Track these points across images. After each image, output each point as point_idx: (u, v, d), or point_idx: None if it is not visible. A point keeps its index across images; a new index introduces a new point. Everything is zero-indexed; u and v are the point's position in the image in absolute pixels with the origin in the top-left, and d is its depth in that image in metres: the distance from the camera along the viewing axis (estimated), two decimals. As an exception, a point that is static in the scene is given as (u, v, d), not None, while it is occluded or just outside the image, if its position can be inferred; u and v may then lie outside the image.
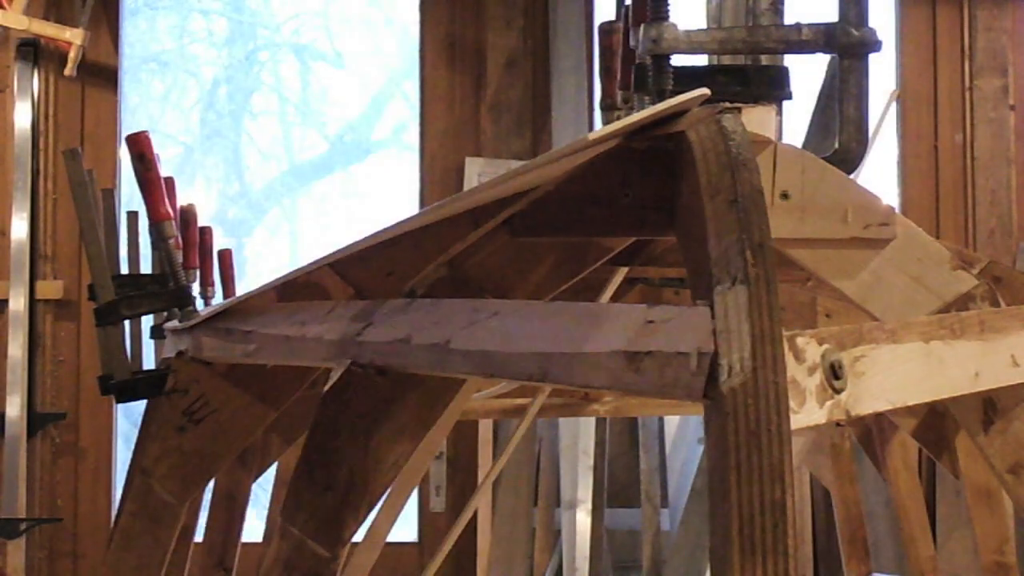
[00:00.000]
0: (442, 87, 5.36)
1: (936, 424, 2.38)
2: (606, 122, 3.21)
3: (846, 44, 1.92)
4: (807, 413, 1.03)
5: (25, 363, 4.86)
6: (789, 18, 2.13)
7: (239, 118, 6.34)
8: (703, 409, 0.94)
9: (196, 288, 3.05)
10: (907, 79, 5.51)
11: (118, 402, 2.50)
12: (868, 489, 4.68)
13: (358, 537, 1.46)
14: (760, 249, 0.91)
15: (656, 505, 4.65)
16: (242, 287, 3.33)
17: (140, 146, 2.44)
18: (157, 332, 2.75)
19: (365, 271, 1.65)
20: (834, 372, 1.05)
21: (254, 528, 3.53)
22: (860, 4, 1.91)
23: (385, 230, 1.48)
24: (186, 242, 2.96)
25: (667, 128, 1.26)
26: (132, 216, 2.93)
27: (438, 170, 5.33)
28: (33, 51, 5.01)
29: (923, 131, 5.50)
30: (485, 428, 4.74)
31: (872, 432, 2.84)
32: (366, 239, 1.51)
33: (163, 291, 2.46)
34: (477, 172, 5.25)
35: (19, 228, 4.91)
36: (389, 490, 1.59)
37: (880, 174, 5.38)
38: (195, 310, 2.40)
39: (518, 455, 4.71)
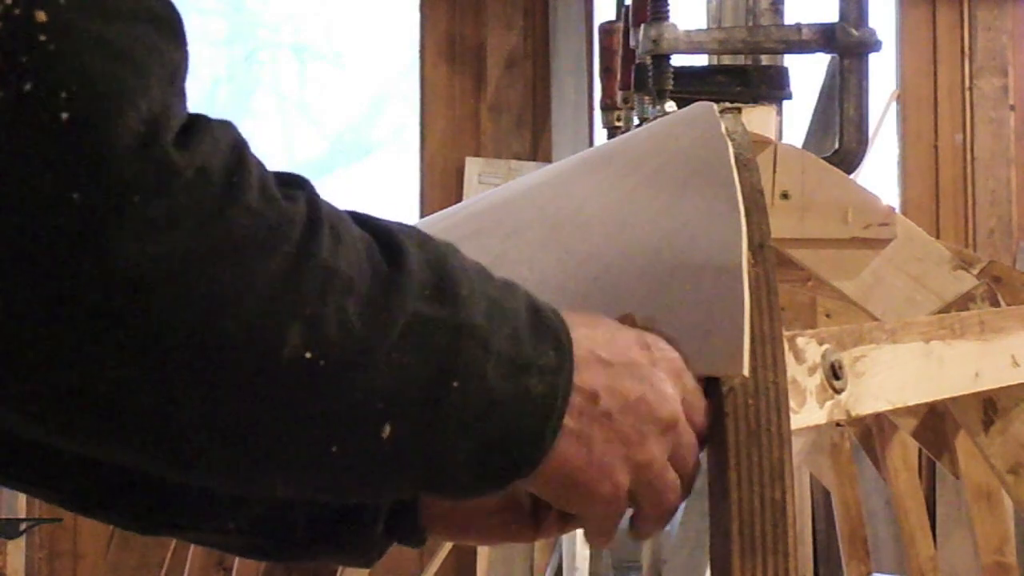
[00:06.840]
0: (442, 87, 5.36)
1: (936, 424, 2.38)
2: (606, 122, 3.21)
3: (846, 44, 1.92)
4: (807, 413, 1.03)
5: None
6: (789, 18, 2.13)
7: (239, 118, 6.34)
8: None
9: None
10: (907, 79, 5.51)
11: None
12: (868, 489, 4.68)
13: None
14: (760, 249, 0.91)
15: (656, 505, 4.65)
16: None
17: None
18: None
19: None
20: (834, 372, 1.05)
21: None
22: (860, 4, 1.91)
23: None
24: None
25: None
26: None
27: (438, 170, 5.34)
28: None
29: (923, 131, 5.50)
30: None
31: (872, 432, 2.84)
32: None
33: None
34: (477, 172, 5.25)
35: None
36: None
37: (880, 174, 5.38)
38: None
39: (518, 455, 4.70)
